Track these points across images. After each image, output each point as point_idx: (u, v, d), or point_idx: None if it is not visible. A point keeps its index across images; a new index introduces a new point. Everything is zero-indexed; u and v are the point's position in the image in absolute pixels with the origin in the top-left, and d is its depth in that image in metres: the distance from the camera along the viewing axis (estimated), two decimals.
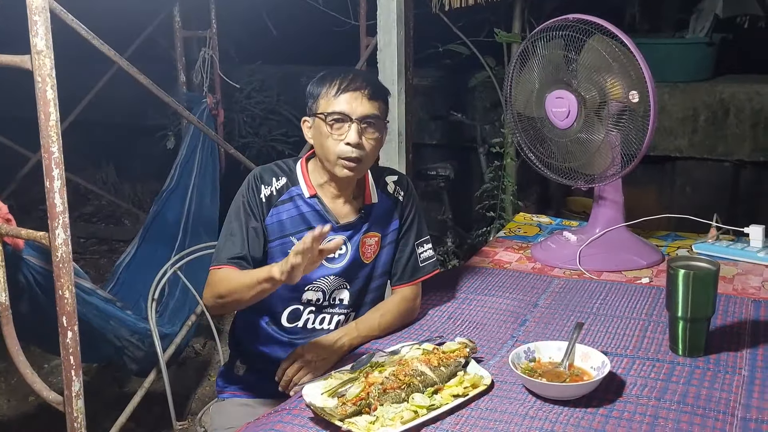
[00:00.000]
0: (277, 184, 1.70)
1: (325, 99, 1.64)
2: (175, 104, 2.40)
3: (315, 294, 1.72)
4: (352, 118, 1.62)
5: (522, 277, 2.05)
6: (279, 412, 1.41)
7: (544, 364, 1.49)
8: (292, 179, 1.72)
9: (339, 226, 1.71)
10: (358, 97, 1.63)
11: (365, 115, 1.63)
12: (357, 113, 1.62)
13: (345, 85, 1.63)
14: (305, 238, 1.38)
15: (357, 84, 1.64)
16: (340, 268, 1.72)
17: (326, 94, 1.64)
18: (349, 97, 1.62)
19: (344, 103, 1.62)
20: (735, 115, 3.69)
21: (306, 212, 1.70)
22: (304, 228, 1.69)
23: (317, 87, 1.67)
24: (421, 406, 1.36)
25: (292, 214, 1.69)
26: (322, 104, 1.64)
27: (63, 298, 1.64)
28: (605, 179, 2.06)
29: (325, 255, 1.43)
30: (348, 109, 1.62)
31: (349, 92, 1.63)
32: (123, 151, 5.37)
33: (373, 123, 1.65)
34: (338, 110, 1.62)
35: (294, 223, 1.69)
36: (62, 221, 1.63)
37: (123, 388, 3.11)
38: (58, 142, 1.60)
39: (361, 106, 1.63)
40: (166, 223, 3.08)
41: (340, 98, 1.62)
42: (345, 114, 1.62)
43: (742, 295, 1.88)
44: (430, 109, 4.33)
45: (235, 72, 4.50)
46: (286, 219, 1.69)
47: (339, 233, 1.70)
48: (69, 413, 1.70)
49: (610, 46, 1.88)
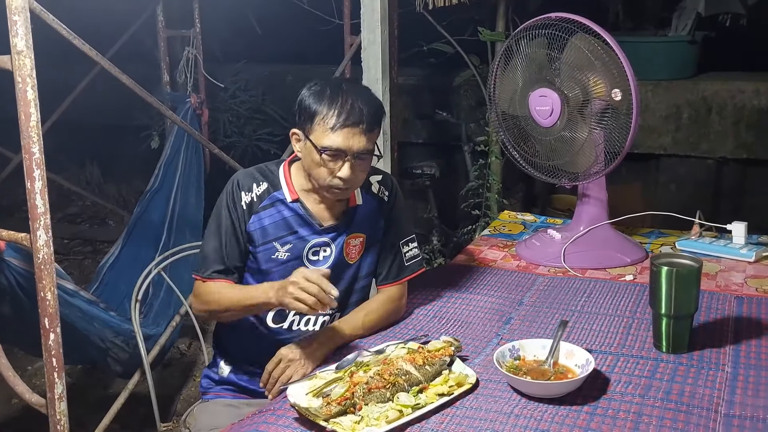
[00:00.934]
0: (257, 189, 1.69)
1: (320, 127, 1.59)
2: (158, 104, 2.39)
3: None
4: (347, 155, 1.59)
5: (507, 275, 2.05)
6: (263, 413, 1.40)
7: (528, 362, 1.49)
8: (274, 184, 1.70)
9: (322, 229, 1.70)
10: (356, 133, 1.58)
11: (361, 151, 1.60)
12: (353, 150, 1.59)
13: (343, 119, 1.57)
14: (310, 282, 1.44)
15: (355, 118, 1.57)
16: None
17: (322, 122, 1.58)
18: (347, 133, 1.57)
19: (340, 139, 1.57)
20: (717, 112, 3.72)
21: (288, 216, 1.69)
22: (287, 233, 1.68)
23: (314, 104, 1.60)
24: (406, 405, 1.36)
25: (275, 219, 1.68)
26: (317, 132, 1.59)
27: (45, 300, 1.64)
28: (589, 177, 2.06)
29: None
30: (344, 146, 1.58)
31: (347, 128, 1.57)
32: (107, 151, 5.32)
33: (366, 157, 1.63)
34: (334, 147, 1.58)
35: (277, 227, 1.68)
36: (44, 222, 1.62)
37: (107, 389, 3.09)
38: (39, 143, 1.59)
39: (358, 143, 1.59)
40: (151, 224, 3.06)
41: (337, 133, 1.57)
42: (341, 150, 1.58)
43: (725, 292, 1.89)
44: (416, 108, 4.33)
45: (220, 71, 4.47)
46: (268, 225, 1.68)
47: (322, 236, 1.70)
48: (52, 416, 1.69)
49: (593, 45, 1.89)
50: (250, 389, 1.74)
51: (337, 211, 1.72)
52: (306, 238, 1.69)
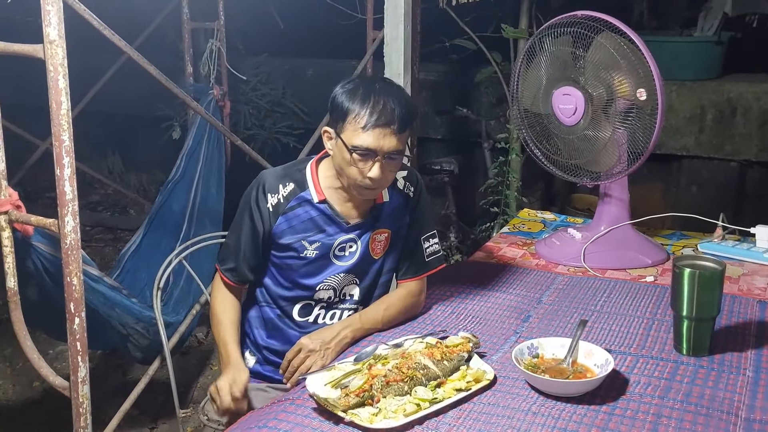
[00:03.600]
0: (284, 191, 1.69)
1: (352, 126, 1.58)
2: (183, 95, 2.40)
3: (326, 293, 1.73)
4: (377, 155, 1.59)
5: (526, 274, 2.05)
6: (282, 402, 1.42)
7: (547, 360, 1.49)
8: (301, 184, 1.70)
9: (349, 226, 1.71)
10: (387, 134, 1.57)
11: (391, 151, 1.59)
12: (384, 150, 1.58)
13: (375, 118, 1.56)
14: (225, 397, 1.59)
15: (387, 118, 1.56)
16: (350, 265, 1.72)
17: (354, 122, 1.57)
18: (378, 133, 1.56)
19: (372, 139, 1.56)
20: (742, 114, 3.67)
21: (315, 216, 1.69)
22: (315, 231, 1.69)
23: (346, 102, 1.59)
24: (424, 399, 1.36)
25: (303, 219, 1.69)
26: (349, 131, 1.58)
27: (71, 285, 1.66)
28: (611, 177, 2.05)
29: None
30: (375, 146, 1.57)
31: (379, 128, 1.56)
32: (129, 141, 5.37)
33: (397, 158, 1.62)
34: (365, 146, 1.57)
35: (305, 227, 1.70)
36: (71, 209, 1.64)
37: (126, 375, 3.13)
38: (69, 131, 1.61)
39: (389, 143, 1.57)
40: (172, 213, 3.09)
41: (369, 133, 1.56)
42: (372, 150, 1.58)
43: (748, 296, 1.88)
44: (436, 104, 4.33)
45: (242, 64, 4.48)
46: (297, 224, 1.69)
47: (349, 233, 1.71)
48: (75, 398, 1.71)
49: (618, 44, 1.88)
50: (275, 380, 1.75)
51: (364, 209, 1.72)
52: (333, 236, 1.70)
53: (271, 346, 1.76)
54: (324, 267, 1.71)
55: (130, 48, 2.17)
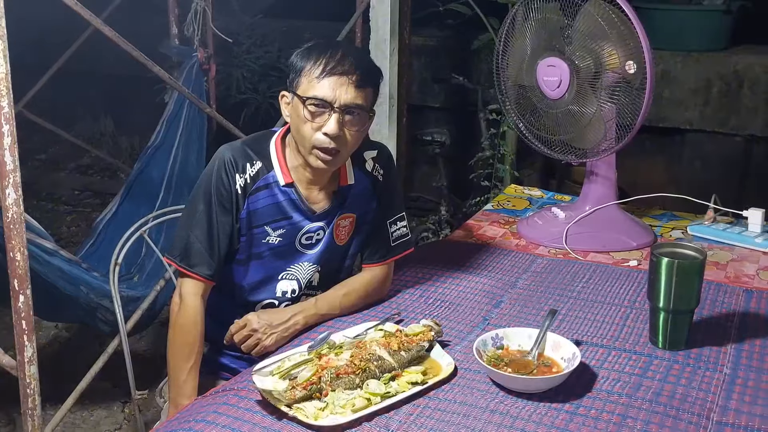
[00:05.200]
0: (251, 170, 1.54)
1: (307, 78, 1.48)
2: (144, 59, 2.30)
3: (290, 284, 1.62)
4: (333, 106, 1.47)
5: (504, 255, 1.95)
6: (226, 392, 1.34)
7: (512, 352, 1.41)
8: (267, 164, 1.56)
9: (315, 216, 1.59)
10: (344, 83, 1.46)
11: (348, 104, 1.47)
12: (340, 101, 1.46)
13: (331, 66, 1.46)
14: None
15: (344, 68, 1.46)
16: (315, 254, 1.62)
17: (309, 73, 1.47)
18: (334, 82, 1.46)
19: (327, 88, 1.46)
20: (749, 87, 3.52)
21: (282, 201, 1.57)
22: (280, 217, 1.57)
23: (301, 60, 1.50)
24: (375, 393, 1.28)
25: (267, 202, 1.56)
26: (304, 84, 1.48)
27: (14, 261, 1.58)
28: (598, 154, 1.94)
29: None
30: (330, 96, 1.46)
31: (335, 76, 1.46)
32: (122, 102, 5.25)
33: (356, 113, 1.49)
34: (319, 96, 1.46)
35: (269, 211, 1.56)
36: (13, 180, 1.55)
37: (103, 346, 3.08)
38: (8, 97, 1.52)
39: (346, 94, 1.47)
40: (150, 181, 2.99)
41: (323, 82, 1.46)
42: (326, 101, 1.46)
43: (735, 284, 1.78)
44: (433, 71, 4.18)
45: (235, 25, 4.35)
46: (261, 208, 1.56)
47: (315, 222, 1.60)
48: (22, 379, 1.65)
49: (608, 12, 1.75)
50: (230, 368, 1.67)
51: (329, 191, 1.60)
52: (299, 225, 1.59)
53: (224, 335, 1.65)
54: (287, 255, 1.60)
55: (95, 17, 2.04)
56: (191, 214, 1.55)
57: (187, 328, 1.53)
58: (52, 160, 5.21)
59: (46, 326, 3.15)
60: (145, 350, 3.11)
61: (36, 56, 4.24)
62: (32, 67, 4.05)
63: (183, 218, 1.59)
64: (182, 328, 1.53)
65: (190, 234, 1.54)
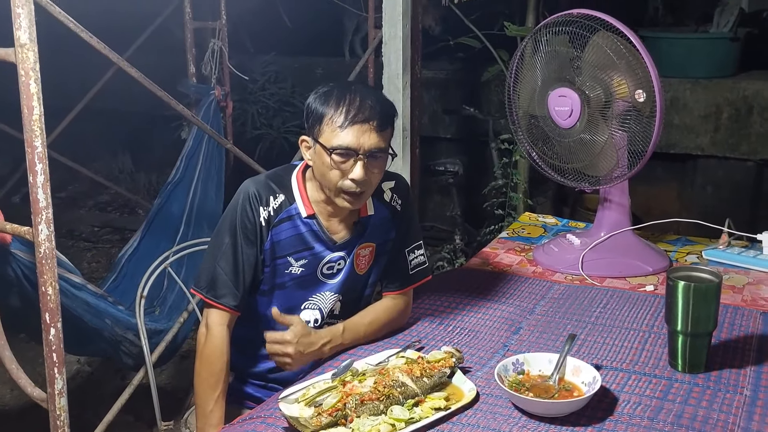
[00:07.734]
0: (274, 203, 1.59)
1: (329, 127, 1.50)
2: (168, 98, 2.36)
3: (312, 313, 1.65)
4: (358, 153, 1.50)
5: (521, 282, 1.98)
6: (253, 420, 1.37)
7: (533, 377, 1.43)
8: (289, 196, 1.60)
9: (336, 246, 1.63)
10: (366, 130, 1.49)
11: (372, 149, 1.51)
12: (364, 148, 1.50)
13: (352, 115, 1.49)
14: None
15: (366, 114, 1.49)
16: (337, 283, 1.65)
17: (331, 122, 1.50)
18: (357, 130, 1.49)
19: (351, 137, 1.49)
20: (759, 113, 3.56)
21: (304, 232, 1.61)
22: (302, 248, 1.61)
23: (321, 106, 1.52)
24: (400, 419, 1.30)
25: (290, 233, 1.60)
26: (326, 133, 1.51)
27: (46, 295, 1.62)
28: (611, 181, 1.97)
29: None
30: (355, 144, 1.49)
31: (357, 125, 1.49)
32: (140, 140, 5.37)
33: (380, 157, 1.54)
34: (344, 145, 1.49)
35: (292, 243, 1.60)
36: (45, 217, 1.60)
37: (125, 380, 3.11)
38: (41, 137, 1.57)
39: (369, 141, 1.50)
40: (170, 216, 3.05)
41: (346, 131, 1.49)
42: (351, 149, 1.50)
43: (752, 307, 1.79)
44: (444, 103, 4.26)
45: (250, 63, 4.45)
46: (284, 239, 1.60)
47: (336, 252, 1.64)
48: (52, 411, 1.68)
49: (615, 43, 1.80)
50: (255, 397, 1.70)
51: (349, 223, 1.64)
52: (320, 255, 1.62)
53: (249, 367, 1.68)
54: (310, 285, 1.64)
55: (116, 55, 2.11)
56: (217, 247, 1.58)
57: (213, 358, 1.56)
58: (71, 198, 5.30)
59: (69, 361, 3.18)
60: (166, 383, 3.14)
61: (56, 96, 4.37)
62: (52, 108, 4.18)
63: (209, 250, 1.62)
64: (209, 358, 1.56)
65: (216, 266, 1.57)
